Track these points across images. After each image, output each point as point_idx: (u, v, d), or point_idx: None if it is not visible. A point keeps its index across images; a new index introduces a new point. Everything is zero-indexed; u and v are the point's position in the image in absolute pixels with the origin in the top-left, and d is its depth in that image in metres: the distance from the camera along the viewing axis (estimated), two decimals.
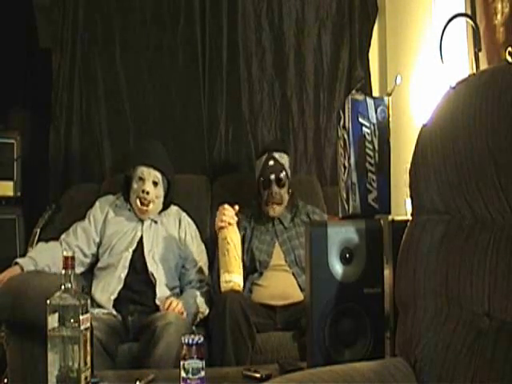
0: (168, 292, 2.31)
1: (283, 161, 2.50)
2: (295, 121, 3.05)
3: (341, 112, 1.64)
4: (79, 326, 1.36)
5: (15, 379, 2.11)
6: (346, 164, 1.59)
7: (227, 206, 2.25)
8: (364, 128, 1.56)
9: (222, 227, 2.21)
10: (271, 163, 2.47)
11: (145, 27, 3.00)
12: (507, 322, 1.07)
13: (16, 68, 3.13)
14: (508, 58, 1.76)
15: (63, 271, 1.41)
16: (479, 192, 1.15)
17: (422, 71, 2.47)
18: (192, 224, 2.54)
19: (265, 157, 2.51)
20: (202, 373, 1.48)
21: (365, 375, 1.18)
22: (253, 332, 2.10)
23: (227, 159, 3.00)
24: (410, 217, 1.36)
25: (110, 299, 2.27)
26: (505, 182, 1.10)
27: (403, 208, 2.31)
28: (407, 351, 1.25)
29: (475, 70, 1.88)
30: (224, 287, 2.11)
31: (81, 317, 1.37)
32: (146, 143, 2.64)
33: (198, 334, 1.53)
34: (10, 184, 2.85)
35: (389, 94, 1.61)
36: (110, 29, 2.98)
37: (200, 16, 3.00)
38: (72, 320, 1.36)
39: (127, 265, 2.34)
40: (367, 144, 1.56)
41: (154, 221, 2.46)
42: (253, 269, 2.41)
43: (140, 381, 1.59)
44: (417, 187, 1.32)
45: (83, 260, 2.42)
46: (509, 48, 1.76)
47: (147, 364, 1.95)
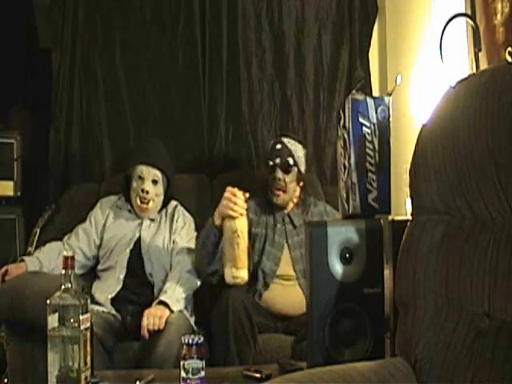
0: None
1: (292, 147, 2.40)
2: (295, 121, 3.05)
3: (341, 112, 1.64)
4: (79, 326, 1.36)
5: (15, 379, 2.11)
6: (346, 164, 1.59)
7: (239, 194, 2.13)
8: (364, 128, 1.56)
9: (233, 217, 2.12)
10: (278, 147, 2.41)
11: (145, 27, 3.00)
12: (507, 322, 1.07)
13: (16, 68, 3.13)
14: (508, 58, 1.76)
15: (63, 271, 1.41)
16: (479, 192, 1.15)
17: (422, 71, 2.47)
18: (187, 216, 2.51)
19: (273, 141, 2.47)
20: (202, 373, 1.48)
21: (365, 375, 1.18)
22: (255, 331, 2.10)
23: (227, 159, 3.00)
24: (410, 217, 1.36)
25: (108, 299, 2.27)
26: (505, 182, 1.10)
27: (403, 208, 2.32)
28: (407, 351, 1.25)
29: (475, 70, 1.88)
30: (230, 281, 2.10)
31: (81, 317, 1.37)
32: (146, 142, 2.65)
33: (199, 334, 1.53)
34: (10, 184, 2.85)
35: (389, 94, 1.61)
36: (110, 29, 2.98)
37: (200, 16, 3.00)
38: (72, 320, 1.36)
39: (125, 265, 2.34)
40: (367, 144, 1.56)
41: (153, 220, 2.47)
42: (257, 275, 2.34)
43: (140, 381, 1.60)
44: (417, 187, 1.32)
45: (85, 263, 2.42)
46: (509, 48, 1.76)
47: (148, 363, 1.96)
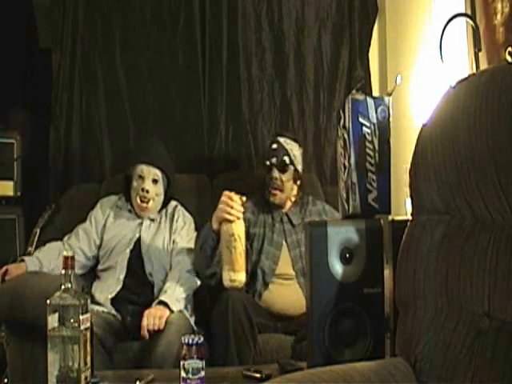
0: None
1: (288, 146, 2.41)
2: (295, 121, 3.05)
3: (341, 112, 1.64)
4: (79, 326, 1.36)
5: (15, 379, 2.11)
6: (346, 164, 1.59)
7: (235, 198, 2.13)
8: (364, 128, 1.56)
9: (229, 220, 2.11)
10: (274, 146, 2.42)
11: (145, 27, 3.00)
12: (507, 322, 1.07)
13: (16, 68, 3.13)
14: (508, 58, 1.76)
15: (63, 271, 1.41)
16: (479, 192, 1.15)
17: (422, 71, 2.47)
18: (187, 216, 2.52)
19: (270, 141, 2.49)
20: (202, 373, 1.48)
21: (365, 375, 1.18)
22: (255, 331, 2.10)
23: (227, 159, 3.00)
24: (410, 217, 1.36)
25: (108, 299, 2.27)
26: (505, 182, 1.10)
27: (403, 208, 2.32)
28: (407, 351, 1.25)
29: (475, 70, 1.88)
30: (228, 285, 2.10)
31: (81, 317, 1.37)
32: (146, 142, 2.65)
33: (199, 334, 1.53)
34: (10, 184, 2.85)
35: (389, 94, 1.61)
36: (110, 29, 2.98)
37: (200, 16, 3.00)
38: (72, 320, 1.36)
39: (125, 265, 2.34)
40: (367, 144, 1.56)
41: (153, 220, 2.47)
42: (256, 274, 2.36)
43: (140, 381, 1.59)
44: (417, 187, 1.32)
45: (85, 263, 2.42)
46: (509, 48, 1.76)
47: (148, 363, 1.96)
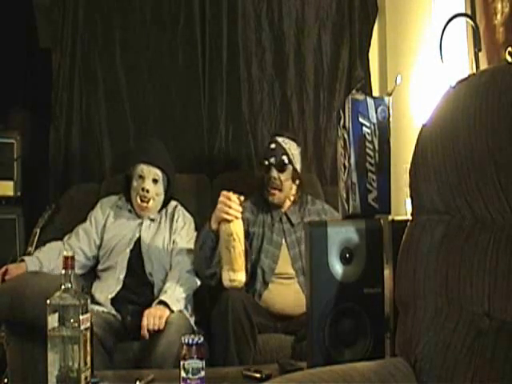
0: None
1: (287, 146, 2.41)
2: (295, 121, 3.05)
3: (341, 112, 1.64)
4: (79, 326, 1.36)
5: (15, 379, 2.11)
6: (346, 164, 1.59)
7: (233, 198, 2.13)
8: (364, 128, 1.56)
9: (228, 220, 2.11)
10: (273, 146, 2.42)
11: (145, 27, 3.00)
12: (507, 322, 1.07)
13: (16, 68, 3.13)
14: (508, 58, 1.76)
15: (63, 271, 1.41)
16: (479, 192, 1.15)
17: (422, 71, 2.47)
18: (187, 216, 2.52)
19: (268, 141, 2.50)
20: (202, 373, 1.48)
21: (365, 375, 1.18)
22: (255, 331, 2.10)
23: (227, 159, 3.00)
24: (410, 217, 1.36)
25: (108, 298, 2.27)
26: (505, 182, 1.10)
27: (403, 208, 2.32)
28: (407, 351, 1.25)
29: (475, 70, 1.88)
30: (228, 285, 2.11)
31: (81, 317, 1.37)
32: (146, 142, 2.65)
33: (199, 334, 1.53)
34: (10, 184, 2.85)
35: (389, 94, 1.61)
36: (110, 29, 2.98)
37: (200, 16, 3.00)
38: (72, 320, 1.36)
39: (125, 265, 2.34)
40: (367, 144, 1.56)
41: (153, 220, 2.47)
42: (256, 273, 2.36)
43: (140, 381, 1.60)
44: (417, 187, 1.32)
45: (85, 263, 2.42)
46: (509, 48, 1.76)
47: (148, 363, 1.96)
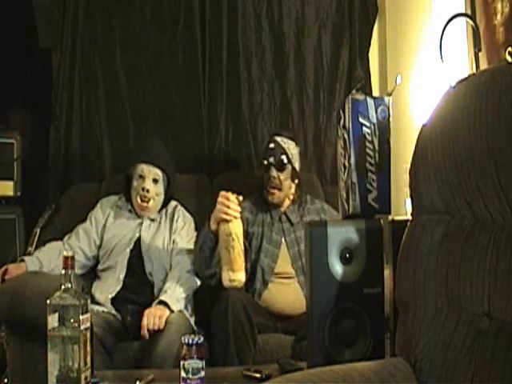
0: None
1: (285, 145, 2.42)
2: (295, 121, 3.05)
3: (341, 112, 1.64)
4: (79, 326, 1.37)
5: (15, 379, 2.11)
6: (346, 164, 1.59)
7: (232, 198, 2.13)
8: (364, 128, 1.56)
9: (227, 220, 2.12)
10: (272, 146, 2.43)
11: (145, 27, 3.00)
12: (507, 322, 1.07)
13: (16, 68, 3.14)
14: (508, 58, 1.76)
15: (63, 271, 1.41)
16: (479, 192, 1.15)
17: (422, 71, 2.47)
18: (187, 216, 2.52)
19: (267, 141, 2.50)
20: (202, 373, 1.48)
21: (365, 375, 1.18)
22: (255, 331, 2.10)
23: (227, 159, 3.00)
24: (410, 217, 1.36)
25: (108, 298, 2.27)
26: (505, 182, 1.10)
27: (403, 208, 2.32)
28: (407, 351, 1.25)
29: (475, 70, 1.88)
30: (227, 285, 2.11)
31: (81, 317, 1.37)
32: (146, 142, 2.66)
33: (199, 334, 1.53)
34: (10, 184, 2.85)
35: (389, 94, 1.61)
36: (110, 29, 2.98)
37: (200, 16, 3.00)
38: (72, 320, 1.36)
39: (125, 265, 2.34)
40: (367, 144, 1.56)
41: (153, 220, 2.47)
42: (256, 273, 2.36)
43: (140, 381, 1.60)
44: (417, 187, 1.32)
45: (85, 263, 2.42)
46: (509, 48, 1.77)
47: (148, 363, 1.96)
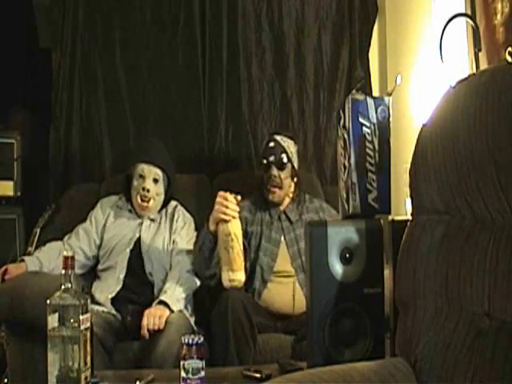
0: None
1: (285, 144, 2.43)
2: (295, 121, 3.05)
3: (341, 112, 1.64)
4: (79, 326, 1.36)
5: (15, 379, 2.11)
6: (346, 164, 1.59)
7: (230, 198, 2.14)
8: (364, 128, 1.56)
9: (225, 220, 2.12)
10: (271, 145, 2.43)
11: (145, 27, 3.00)
12: (507, 322, 1.07)
13: (16, 68, 3.14)
14: (508, 58, 1.76)
15: (63, 271, 1.41)
16: (479, 192, 1.15)
17: (422, 71, 2.47)
18: (187, 216, 2.52)
19: (266, 140, 2.51)
20: (202, 373, 1.48)
21: (365, 375, 1.18)
22: (255, 331, 2.10)
23: (227, 159, 3.00)
24: (410, 217, 1.36)
25: (108, 298, 2.27)
26: (505, 182, 1.10)
27: (403, 208, 2.32)
28: (407, 351, 1.25)
29: (475, 70, 1.88)
30: (227, 285, 2.11)
31: (81, 317, 1.37)
32: (146, 142, 2.66)
33: (199, 334, 1.53)
34: (10, 184, 2.85)
35: (389, 94, 1.61)
36: (110, 29, 2.98)
37: (200, 16, 3.00)
38: (72, 320, 1.36)
39: (125, 265, 2.34)
40: (367, 144, 1.56)
41: (153, 220, 2.47)
42: (255, 272, 2.37)
43: (140, 381, 1.60)
44: (417, 187, 1.32)
45: (85, 263, 2.42)
46: (509, 48, 1.77)
47: (148, 363, 1.96)
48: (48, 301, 1.38)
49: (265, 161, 2.43)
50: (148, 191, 2.41)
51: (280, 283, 2.35)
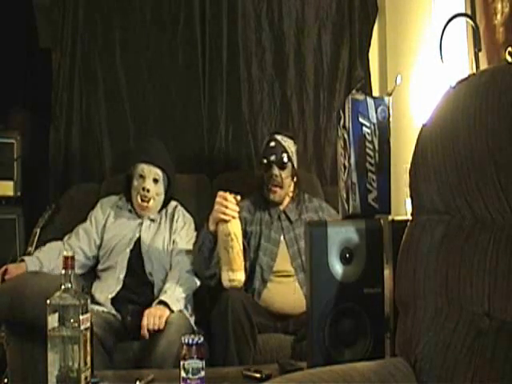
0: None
1: (285, 143, 2.44)
2: (295, 121, 3.05)
3: (341, 112, 1.64)
4: (79, 326, 1.37)
5: (15, 379, 2.11)
6: (346, 164, 1.59)
7: (229, 198, 2.14)
8: (364, 128, 1.56)
9: (225, 220, 2.12)
10: (272, 144, 2.44)
11: (145, 27, 3.00)
12: (507, 322, 1.07)
13: (16, 68, 3.14)
14: (508, 58, 1.76)
15: (63, 271, 1.41)
16: (479, 192, 1.15)
17: (422, 71, 2.47)
18: (187, 216, 2.52)
19: (267, 139, 2.51)
20: (202, 373, 1.48)
21: (365, 375, 1.18)
22: (255, 331, 2.10)
23: (227, 159, 3.00)
24: (410, 217, 1.36)
25: (108, 298, 2.27)
26: (505, 182, 1.10)
27: (403, 208, 2.32)
28: (407, 351, 1.25)
29: (475, 70, 1.88)
30: (227, 285, 2.11)
31: (81, 317, 1.37)
32: (146, 142, 2.66)
33: (199, 334, 1.53)
34: (10, 184, 2.85)
35: (389, 94, 1.61)
36: (110, 29, 2.98)
37: (200, 16, 3.00)
38: (72, 320, 1.36)
39: (125, 265, 2.35)
40: (367, 144, 1.56)
41: (153, 220, 2.47)
42: (255, 271, 2.37)
43: (140, 381, 1.60)
44: (417, 187, 1.32)
45: (85, 263, 2.42)
46: (509, 48, 1.77)
47: (148, 363, 1.96)
48: (48, 301, 1.38)
49: (265, 160, 2.43)
50: (148, 191, 2.41)
51: (280, 283, 2.35)
